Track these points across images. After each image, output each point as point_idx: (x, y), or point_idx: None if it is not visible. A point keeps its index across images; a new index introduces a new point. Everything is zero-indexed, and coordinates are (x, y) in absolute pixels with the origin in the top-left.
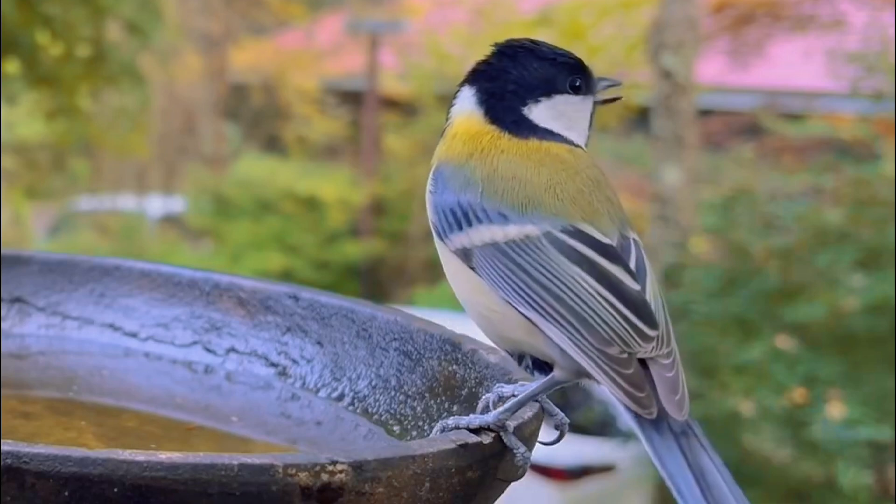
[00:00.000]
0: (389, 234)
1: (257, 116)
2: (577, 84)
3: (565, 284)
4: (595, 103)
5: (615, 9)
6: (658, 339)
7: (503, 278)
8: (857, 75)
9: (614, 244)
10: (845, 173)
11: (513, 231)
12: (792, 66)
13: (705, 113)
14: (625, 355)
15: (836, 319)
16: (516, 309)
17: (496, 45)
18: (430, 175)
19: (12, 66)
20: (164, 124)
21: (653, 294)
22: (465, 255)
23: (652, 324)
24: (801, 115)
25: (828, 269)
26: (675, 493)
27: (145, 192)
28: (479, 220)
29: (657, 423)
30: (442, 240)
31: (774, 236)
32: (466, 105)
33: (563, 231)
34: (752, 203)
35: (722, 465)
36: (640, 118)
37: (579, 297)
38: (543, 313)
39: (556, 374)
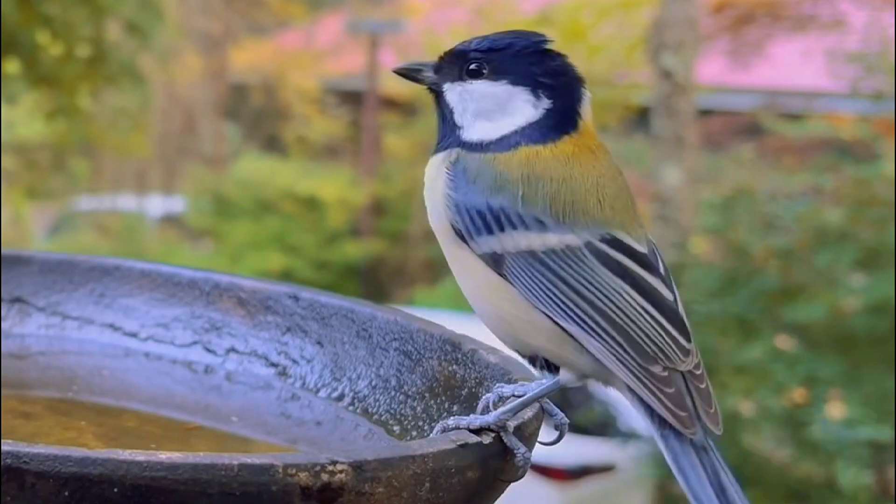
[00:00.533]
0: (389, 234)
1: (257, 116)
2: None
3: (609, 298)
4: None
5: (615, 9)
6: (692, 352)
7: (541, 288)
8: (857, 75)
9: (646, 252)
10: (845, 173)
11: (552, 240)
12: (792, 66)
13: (705, 113)
14: (666, 373)
15: (836, 319)
16: (552, 319)
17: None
18: (447, 170)
19: (12, 66)
20: (164, 124)
21: (681, 302)
22: (495, 260)
23: (688, 336)
24: (801, 115)
25: (828, 269)
26: None
27: (145, 192)
28: (514, 226)
29: (680, 437)
30: (465, 241)
31: (774, 236)
32: None
33: (603, 241)
34: (752, 203)
35: (734, 480)
36: (640, 118)
37: (623, 312)
38: (586, 327)
39: (562, 377)
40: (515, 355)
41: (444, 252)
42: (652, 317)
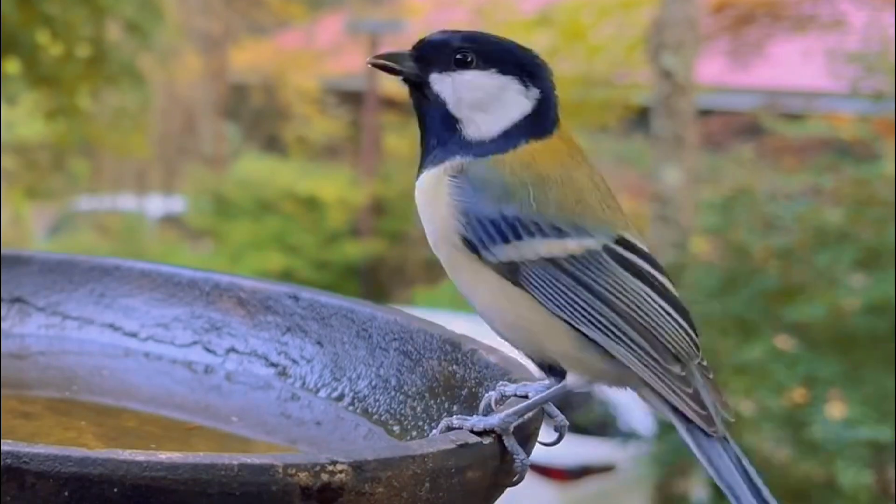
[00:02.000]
0: (389, 234)
1: (257, 116)
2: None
3: (632, 302)
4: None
5: (615, 9)
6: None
7: (563, 296)
8: (857, 75)
9: (649, 249)
10: (845, 173)
11: (572, 245)
12: (792, 66)
13: (705, 113)
14: (685, 372)
15: (836, 319)
16: (573, 327)
17: None
18: (451, 179)
19: (12, 66)
20: (164, 124)
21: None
22: (511, 269)
23: (696, 330)
24: (801, 115)
25: (828, 269)
26: (732, 499)
27: (145, 192)
28: (531, 234)
29: (705, 431)
30: (477, 252)
31: (774, 236)
32: None
33: (616, 242)
34: (752, 203)
35: (752, 465)
36: (640, 118)
37: (647, 315)
38: (611, 334)
39: (570, 381)
40: (516, 356)
41: (450, 265)
42: (671, 317)
